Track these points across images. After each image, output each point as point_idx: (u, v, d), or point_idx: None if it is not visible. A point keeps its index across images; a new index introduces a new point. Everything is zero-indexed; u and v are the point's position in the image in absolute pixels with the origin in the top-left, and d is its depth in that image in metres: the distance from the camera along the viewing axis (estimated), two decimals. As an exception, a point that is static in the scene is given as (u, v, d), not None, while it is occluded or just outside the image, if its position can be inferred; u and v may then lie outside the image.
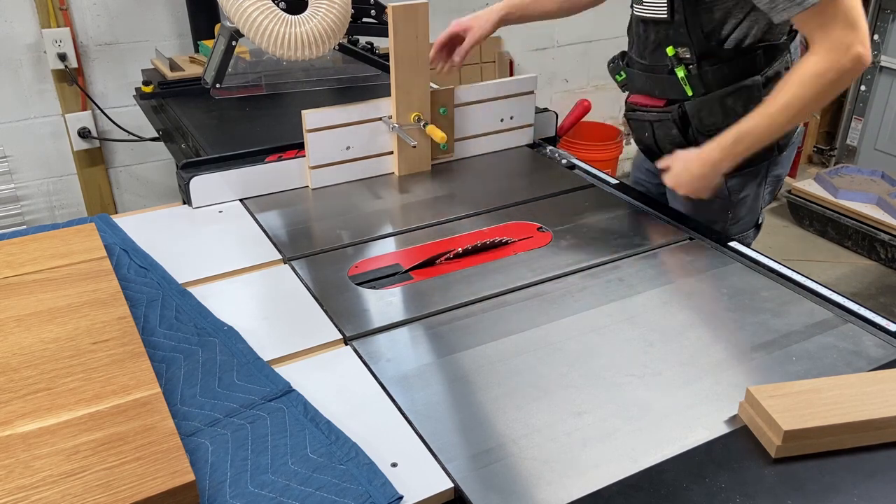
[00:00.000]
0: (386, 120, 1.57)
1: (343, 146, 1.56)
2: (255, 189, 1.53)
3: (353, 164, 1.58)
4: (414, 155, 1.62)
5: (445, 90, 1.61)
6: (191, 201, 1.47)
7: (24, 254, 1.21)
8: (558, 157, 1.73)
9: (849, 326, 1.12)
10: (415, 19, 1.48)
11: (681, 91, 1.44)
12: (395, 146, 1.60)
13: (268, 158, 1.54)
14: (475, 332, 1.12)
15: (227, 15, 1.50)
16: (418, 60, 1.53)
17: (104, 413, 0.88)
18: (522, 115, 1.76)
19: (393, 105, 1.56)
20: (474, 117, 1.69)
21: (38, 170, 2.65)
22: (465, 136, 1.69)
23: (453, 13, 3.18)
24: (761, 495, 0.83)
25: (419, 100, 1.56)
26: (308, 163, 1.54)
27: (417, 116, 1.56)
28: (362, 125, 1.56)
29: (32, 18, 2.45)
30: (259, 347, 1.06)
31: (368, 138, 1.58)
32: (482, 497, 0.83)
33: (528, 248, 1.36)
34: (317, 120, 1.52)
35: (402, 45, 1.50)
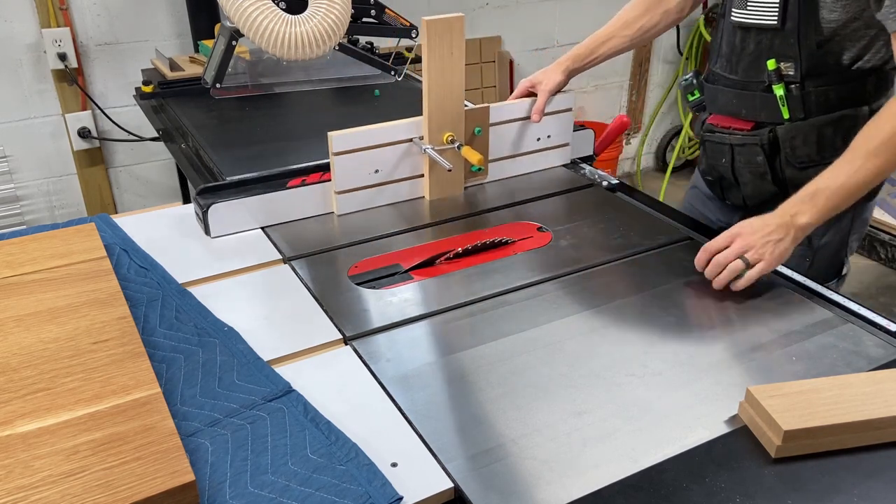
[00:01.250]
0: (417, 141, 1.47)
1: (371, 169, 1.45)
2: (277, 216, 1.43)
3: (381, 188, 1.49)
4: (446, 178, 1.52)
5: (480, 109, 1.51)
6: (209, 230, 1.37)
7: (24, 254, 1.21)
8: (598, 179, 1.62)
9: (849, 326, 1.12)
10: (450, 34, 1.38)
11: (775, 113, 1.31)
12: (426, 169, 1.50)
13: (290, 183, 1.43)
14: (475, 332, 1.12)
15: (227, 15, 1.50)
16: (453, 77, 1.43)
17: (104, 413, 0.88)
18: (560, 133, 1.66)
19: (425, 125, 1.45)
20: (509, 137, 1.59)
21: (38, 170, 2.65)
22: (499, 156, 1.59)
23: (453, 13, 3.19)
24: (761, 495, 0.82)
25: (452, 119, 1.46)
26: (334, 188, 1.44)
27: (451, 137, 1.46)
28: (392, 147, 1.46)
29: (32, 18, 2.46)
30: (259, 347, 1.06)
31: (398, 161, 1.48)
32: (482, 497, 0.83)
33: (528, 248, 1.36)
34: (344, 142, 1.41)
35: (436, 61, 1.40)
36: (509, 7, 3.30)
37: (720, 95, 1.40)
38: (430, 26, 1.36)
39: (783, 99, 1.29)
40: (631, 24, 1.54)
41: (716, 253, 1.19)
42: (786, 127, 1.31)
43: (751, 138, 1.35)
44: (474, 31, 3.29)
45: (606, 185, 1.56)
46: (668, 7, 1.52)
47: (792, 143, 1.31)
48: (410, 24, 1.87)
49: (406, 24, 1.87)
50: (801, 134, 1.30)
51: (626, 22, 1.55)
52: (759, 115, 1.34)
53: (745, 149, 1.36)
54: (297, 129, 1.98)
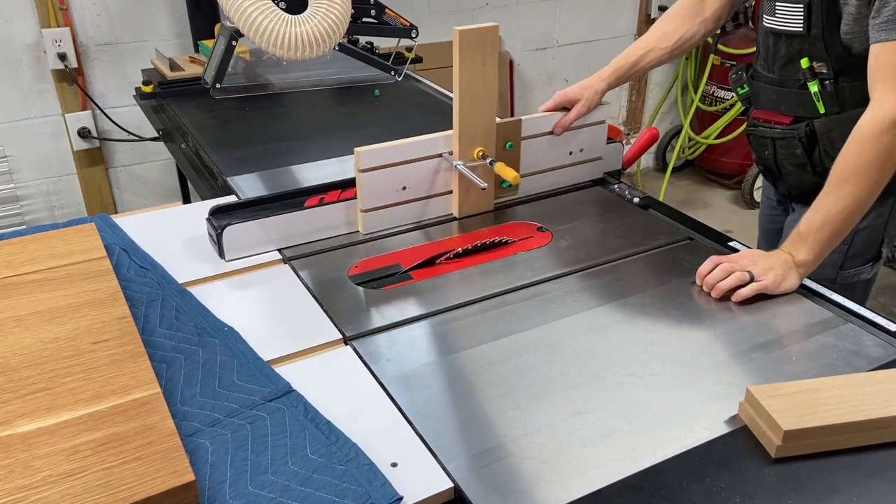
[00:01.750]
0: (447, 157, 1.40)
1: (398, 186, 1.39)
2: (295, 237, 1.35)
3: (408, 205, 1.42)
4: (476, 194, 1.45)
5: (512, 122, 1.45)
6: (223, 254, 1.29)
7: (24, 254, 1.21)
8: (629, 196, 1.55)
9: (849, 326, 1.12)
10: (483, 44, 1.33)
11: (812, 108, 1.35)
12: (455, 185, 1.43)
13: (307, 203, 1.36)
14: (475, 332, 1.12)
15: (227, 15, 1.50)
16: (485, 90, 1.36)
17: (104, 413, 0.88)
18: (593, 147, 1.59)
19: (455, 140, 1.38)
20: (540, 151, 1.52)
21: (38, 170, 2.65)
22: (530, 171, 1.52)
23: (453, 13, 3.20)
24: (761, 495, 0.82)
25: (484, 134, 1.39)
26: (359, 206, 1.37)
27: (482, 152, 1.39)
28: (420, 163, 1.39)
29: (32, 18, 2.46)
30: (259, 347, 1.06)
31: (426, 177, 1.41)
32: (482, 497, 0.83)
33: (528, 248, 1.36)
34: (371, 158, 1.33)
35: (468, 72, 1.33)
36: (509, 7, 3.30)
37: (762, 92, 1.45)
38: (462, 36, 1.30)
39: (818, 95, 1.33)
40: (669, 36, 1.54)
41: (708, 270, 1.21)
42: (822, 121, 1.35)
43: (790, 132, 1.40)
44: (474, 31, 3.28)
45: (638, 202, 1.51)
46: (705, 16, 1.54)
47: (829, 135, 1.34)
48: (410, 24, 1.87)
49: (406, 24, 1.87)
50: (837, 127, 1.33)
51: (664, 34, 1.55)
52: (797, 111, 1.39)
53: (784, 142, 1.41)
54: (297, 129, 1.98)
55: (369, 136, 1.88)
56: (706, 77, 3.65)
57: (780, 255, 1.21)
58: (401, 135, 1.87)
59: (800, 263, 1.20)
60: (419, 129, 1.92)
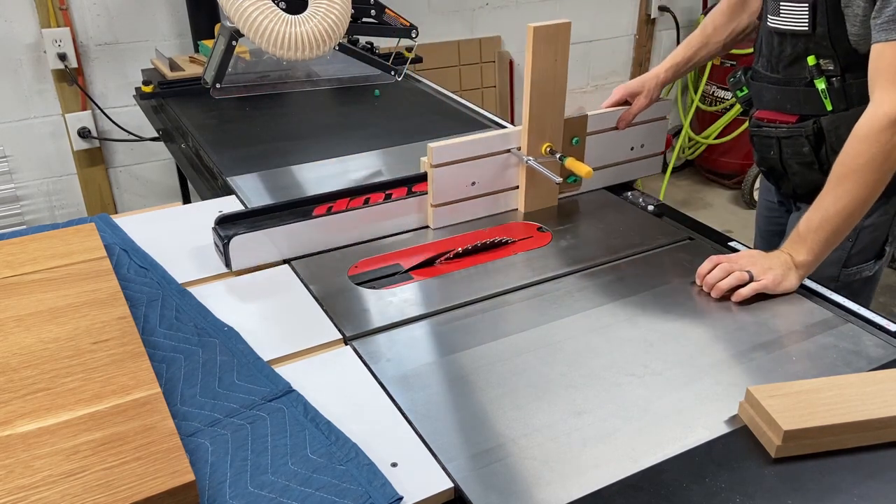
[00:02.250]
0: (515, 152, 1.41)
1: (468, 181, 1.41)
2: (303, 247, 1.32)
3: (476, 200, 1.44)
4: (542, 190, 1.47)
5: (579, 118, 1.46)
6: (230, 264, 1.26)
7: (24, 254, 1.21)
8: (643, 203, 1.53)
9: (849, 326, 1.12)
10: (556, 40, 1.34)
11: (818, 105, 1.34)
12: (522, 180, 1.46)
13: (315, 211, 1.33)
14: (475, 332, 1.12)
15: (227, 15, 1.50)
16: (556, 86, 1.37)
17: (104, 413, 0.88)
18: (653, 143, 1.61)
19: (524, 136, 1.39)
20: (603, 146, 1.53)
21: (38, 170, 2.65)
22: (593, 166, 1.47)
23: (453, 13, 3.20)
24: (761, 495, 0.82)
25: (552, 130, 1.41)
26: (430, 201, 1.39)
27: (549, 147, 1.41)
28: (489, 158, 1.41)
29: (32, 18, 2.46)
30: (259, 347, 1.06)
31: (495, 172, 1.43)
32: (482, 497, 0.83)
33: (528, 248, 1.36)
34: (444, 154, 1.35)
35: (540, 69, 1.34)
36: (509, 7, 3.30)
37: (765, 92, 1.44)
38: (536, 33, 1.31)
39: (825, 92, 1.33)
40: (721, 30, 1.56)
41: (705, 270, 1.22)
42: (829, 118, 1.34)
43: (796, 130, 1.39)
44: (474, 31, 3.29)
45: (652, 210, 1.49)
46: (753, 8, 1.54)
47: (836, 132, 1.34)
48: (410, 24, 1.87)
49: (406, 24, 1.87)
50: (844, 123, 1.32)
51: (716, 28, 1.56)
52: (803, 109, 1.38)
53: (791, 141, 1.40)
54: (297, 129, 1.98)
55: (369, 136, 1.89)
56: (706, 77, 3.65)
57: (780, 255, 1.22)
58: (401, 135, 1.89)
59: (799, 264, 1.20)
60: (419, 129, 1.94)
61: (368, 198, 1.38)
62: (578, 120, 1.46)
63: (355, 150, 1.79)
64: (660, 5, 3.65)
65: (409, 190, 1.41)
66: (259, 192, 1.58)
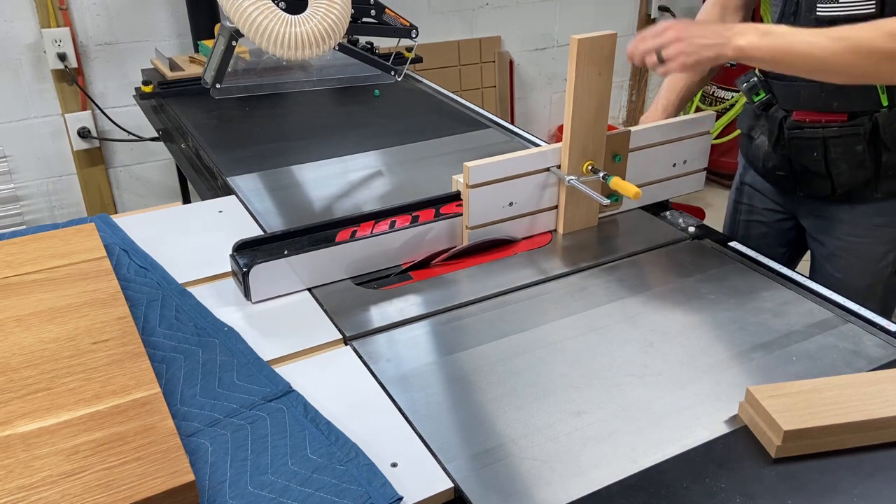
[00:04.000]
0: (555, 171, 1.34)
1: (506, 202, 1.33)
2: (327, 275, 1.25)
3: (513, 221, 1.36)
4: (583, 210, 1.40)
5: (621, 134, 1.38)
6: (249, 295, 1.19)
7: (24, 254, 1.21)
8: (682, 223, 1.45)
9: (849, 326, 1.12)
10: (600, 53, 1.25)
11: (873, 101, 1.29)
12: (561, 200, 1.38)
13: (338, 237, 1.25)
14: (475, 332, 1.12)
15: (227, 15, 1.50)
16: (599, 102, 1.30)
17: (104, 413, 0.88)
18: (696, 158, 1.53)
19: (565, 154, 1.31)
20: (645, 163, 1.45)
21: (37, 170, 2.66)
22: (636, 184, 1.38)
23: (453, 13, 3.20)
24: (761, 495, 0.82)
25: (594, 147, 1.33)
26: (466, 223, 1.31)
27: (591, 166, 1.33)
28: (527, 178, 1.33)
29: (32, 18, 2.46)
30: (259, 347, 1.06)
31: (533, 193, 1.35)
32: (482, 497, 0.83)
33: (528, 248, 1.36)
34: (481, 174, 1.27)
35: (583, 83, 1.26)
36: (509, 7, 3.31)
37: (803, 92, 1.36)
38: (580, 45, 1.23)
39: (882, 87, 1.28)
40: None
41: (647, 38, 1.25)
42: (885, 113, 1.31)
43: (850, 129, 1.33)
44: (474, 31, 3.29)
45: (693, 233, 1.40)
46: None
47: (892, 127, 1.31)
48: (410, 24, 1.87)
49: (406, 24, 1.87)
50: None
51: None
52: (854, 105, 1.32)
53: (842, 140, 1.34)
54: (297, 129, 1.98)
55: (369, 136, 1.89)
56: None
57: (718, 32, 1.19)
58: (401, 135, 1.89)
59: (734, 47, 1.17)
60: (419, 129, 1.94)
61: (395, 220, 1.32)
62: (620, 136, 1.38)
63: (355, 150, 1.79)
64: (660, 5, 3.65)
65: (436, 212, 1.34)
66: (259, 192, 1.58)
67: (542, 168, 1.34)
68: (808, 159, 1.40)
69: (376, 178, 1.66)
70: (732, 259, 1.31)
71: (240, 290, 1.20)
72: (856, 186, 1.38)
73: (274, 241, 1.24)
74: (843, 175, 1.38)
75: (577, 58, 1.24)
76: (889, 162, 1.34)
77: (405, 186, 1.61)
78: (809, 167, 1.41)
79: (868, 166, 1.35)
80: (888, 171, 1.34)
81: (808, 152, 1.39)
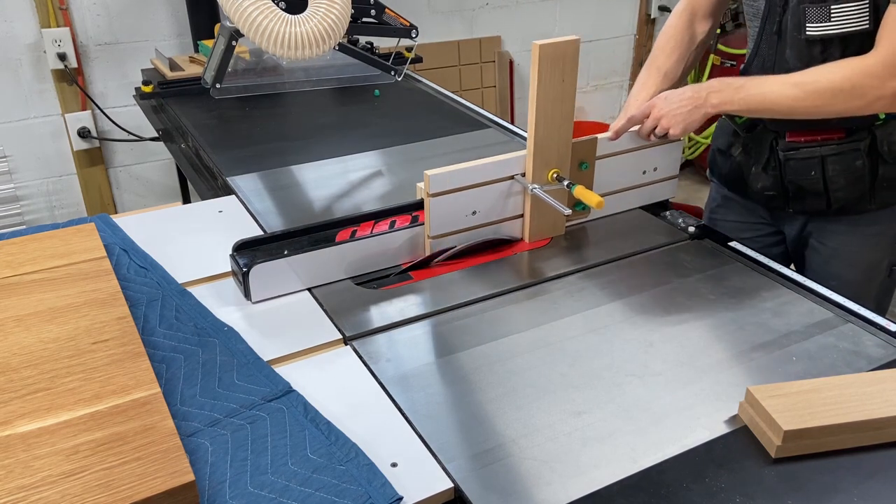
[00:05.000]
0: (520, 179, 1.31)
1: (468, 211, 1.30)
2: (327, 275, 1.25)
3: (477, 231, 1.33)
4: (548, 218, 1.37)
5: (588, 141, 1.35)
6: (249, 295, 1.19)
7: (24, 254, 1.21)
8: (682, 223, 1.44)
9: (849, 326, 1.12)
10: (563, 59, 1.22)
11: (868, 115, 1.29)
12: (526, 209, 1.35)
13: (338, 237, 1.25)
14: (475, 332, 1.12)
15: (227, 15, 1.50)
16: (563, 108, 1.27)
17: (104, 413, 0.88)
18: (668, 165, 1.49)
19: (529, 162, 1.29)
20: (614, 171, 1.42)
21: (37, 170, 2.65)
22: (602, 192, 1.40)
23: (453, 13, 3.20)
24: (761, 495, 0.82)
25: (559, 155, 1.30)
26: (427, 232, 1.29)
27: (556, 174, 1.30)
28: (491, 186, 1.30)
29: (32, 18, 2.46)
30: (259, 347, 1.06)
31: (496, 201, 1.32)
32: (482, 497, 0.83)
33: (528, 248, 1.36)
34: (442, 182, 1.24)
35: (546, 90, 1.23)
36: (509, 7, 3.30)
37: None
38: (542, 51, 1.20)
39: None
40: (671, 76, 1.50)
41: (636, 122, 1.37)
42: (882, 127, 1.33)
43: (850, 145, 1.34)
44: (474, 31, 3.29)
45: (692, 233, 1.40)
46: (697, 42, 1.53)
47: (889, 139, 1.33)
48: (410, 24, 1.87)
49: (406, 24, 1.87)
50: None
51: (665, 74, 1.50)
52: (849, 122, 1.32)
53: (841, 157, 1.35)
54: (297, 129, 1.98)
55: (369, 136, 1.89)
56: (706, 77, 3.64)
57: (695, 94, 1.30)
58: (401, 135, 1.89)
59: (711, 105, 1.29)
60: (419, 129, 1.94)
61: (395, 220, 1.31)
62: (587, 143, 1.36)
63: (355, 150, 1.79)
64: (660, 5, 3.65)
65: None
66: (259, 192, 1.58)
67: (507, 176, 1.31)
68: (805, 179, 1.39)
69: (376, 178, 1.66)
70: (732, 259, 1.31)
71: (240, 290, 1.21)
72: (851, 200, 1.37)
73: (274, 241, 1.24)
74: (840, 191, 1.37)
75: (538, 64, 1.21)
76: (885, 174, 1.35)
77: (405, 186, 1.61)
78: (805, 186, 1.40)
79: (866, 180, 1.35)
80: (883, 183, 1.35)
81: (804, 172, 1.39)
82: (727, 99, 1.28)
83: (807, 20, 1.27)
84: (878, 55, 1.18)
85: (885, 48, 1.18)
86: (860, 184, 1.36)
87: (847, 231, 1.41)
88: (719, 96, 1.28)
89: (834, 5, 1.24)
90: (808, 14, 1.27)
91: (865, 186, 1.36)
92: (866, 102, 1.20)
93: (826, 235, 1.44)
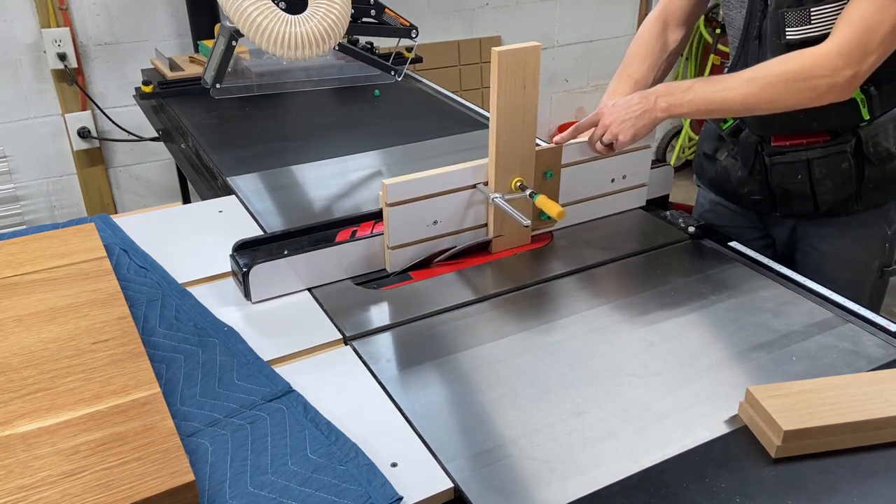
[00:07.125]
0: (482, 188, 1.28)
1: (429, 221, 1.27)
2: (327, 275, 1.24)
3: (439, 241, 1.30)
4: (513, 227, 1.33)
5: (552, 150, 1.33)
6: (249, 295, 1.19)
7: (24, 254, 1.21)
8: (682, 223, 1.43)
9: (849, 326, 1.12)
10: (523, 66, 1.21)
11: (853, 117, 1.29)
12: (490, 218, 1.32)
13: (338, 237, 1.25)
14: (475, 332, 1.12)
15: (227, 15, 1.50)
16: (525, 115, 1.24)
17: (104, 413, 0.88)
18: (637, 173, 1.46)
19: (491, 170, 1.26)
20: (581, 179, 1.39)
21: (37, 170, 2.65)
22: (569, 200, 1.39)
23: (453, 13, 3.20)
24: (761, 495, 0.82)
25: (522, 163, 1.27)
26: (387, 242, 1.26)
27: (520, 182, 1.28)
28: (452, 195, 1.27)
29: (32, 18, 2.46)
30: (259, 347, 1.06)
31: (458, 210, 1.29)
32: (482, 497, 0.83)
33: (528, 248, 1.36)
34: (399, 192, 1.22)
35: (507, 97, 1.21)
36: (509, 7, 3.30)
37: (779, 116, 1.30)
38: (501, 58, 1.19)
39: (863, 101, 1.28)
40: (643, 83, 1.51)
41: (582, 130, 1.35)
42: (867, 128, 1.31)
43: (835, 147, 1.33)
44: (474, 31, 3.29)
45: (692, 233, 1.39)
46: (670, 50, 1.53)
47: (874, 140, 1.31)
48: (410, 24, 1.87)
49: (406, 24, 1.87)
50: (881, 130, 1.31)
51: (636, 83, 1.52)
52: (834, 123, 1.31)
53: (827, 160, 1.34)
54: (297, 129, 1.98)
55: (369, 136, 1.89)
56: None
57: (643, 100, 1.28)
58: (401, 135, 1.89)
59: (661, 109, 1.27)
60: (419, 129, 1.94)
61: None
62: (551, 151, 1.33)
63: (355, 150, 1.79)
64: (660, 5, 3.65)
65: None
66: (259, 192, 1.58)
67: (468, 185, 1.28)
68: (791, 182, 1.38)
69: (376, 178, 1.66)
70: (732, 259, 1.31)
71: (240, 290, 1.21)
72: (838, 202, 1.37)
73: (274, 241, 1.24)
74: (827, 193, 1.37)
75: (498, 71, 1.20)
76: (871, 175, 1.34)
77: (405, 186, 1.60)
78: (792, 190, 1.39)
79: (852, 182, 1.34)
80: (870, 185, 1.34)
81: (790, 176, 1.38)
82: (675, 102, 1.26)
83: (786, 24, 1.26)
84: (832, 43, 1.16)
85: (838, 37, 1.16)
86: (847, 186, 1.35)
87: (836, 234, 1.41)
88: (667, 100, 1.26)
89: (814, 7, 1.22)
90: (787, 18, 1.25)
91: (852, 188, 1.35)
92: (818, 94, 1.18)
93: (815, 239, 1.43)
